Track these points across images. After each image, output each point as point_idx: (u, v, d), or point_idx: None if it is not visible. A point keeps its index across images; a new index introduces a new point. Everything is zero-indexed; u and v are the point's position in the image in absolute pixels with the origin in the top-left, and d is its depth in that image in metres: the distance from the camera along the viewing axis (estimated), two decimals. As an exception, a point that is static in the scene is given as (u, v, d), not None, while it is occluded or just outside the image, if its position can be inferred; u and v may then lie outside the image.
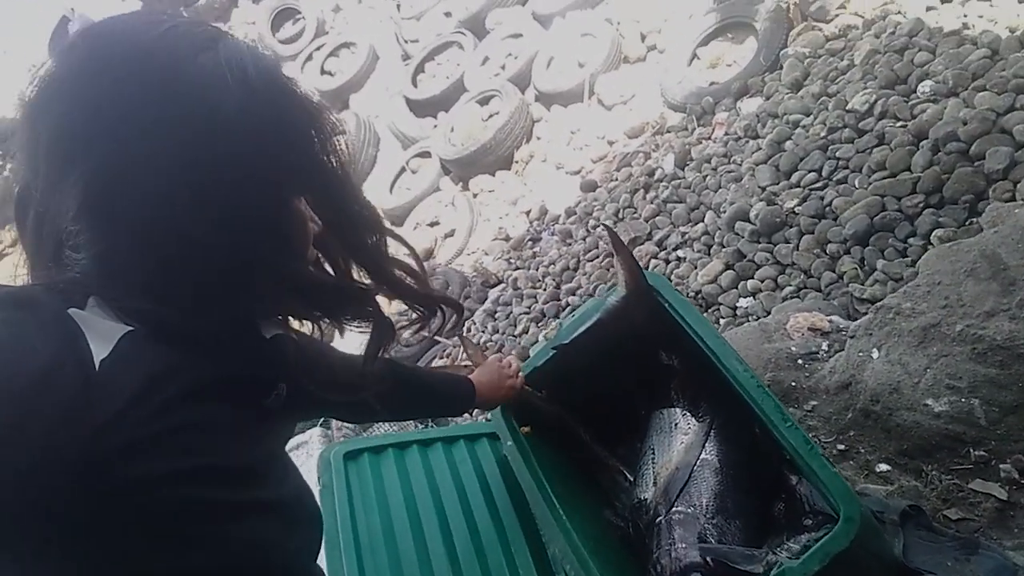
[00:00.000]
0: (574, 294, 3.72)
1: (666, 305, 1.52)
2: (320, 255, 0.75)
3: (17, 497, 0.48)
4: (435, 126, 6.34)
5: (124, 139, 0.55)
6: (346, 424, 2.06)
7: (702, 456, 1.51)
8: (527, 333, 3.78)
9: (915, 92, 2.99)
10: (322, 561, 1.34)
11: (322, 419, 2.15)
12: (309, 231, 0.70)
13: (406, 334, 0.90)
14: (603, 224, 3.91)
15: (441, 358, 4.25)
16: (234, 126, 0.58)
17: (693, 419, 1.58)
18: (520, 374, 1.54)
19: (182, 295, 0.59)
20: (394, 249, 0.83)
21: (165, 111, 0.56)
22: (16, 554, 0.50)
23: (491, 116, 5.77)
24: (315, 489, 1.56)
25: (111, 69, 0.56)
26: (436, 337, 4.46)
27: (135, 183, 0.56)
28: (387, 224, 0.80)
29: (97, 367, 0.52)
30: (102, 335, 0.54)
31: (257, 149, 0.60)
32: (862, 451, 1.70)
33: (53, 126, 0.57)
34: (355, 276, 0.78)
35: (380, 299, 0.82)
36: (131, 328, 0.56)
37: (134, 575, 0.54)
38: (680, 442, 1.57)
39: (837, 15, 4.01)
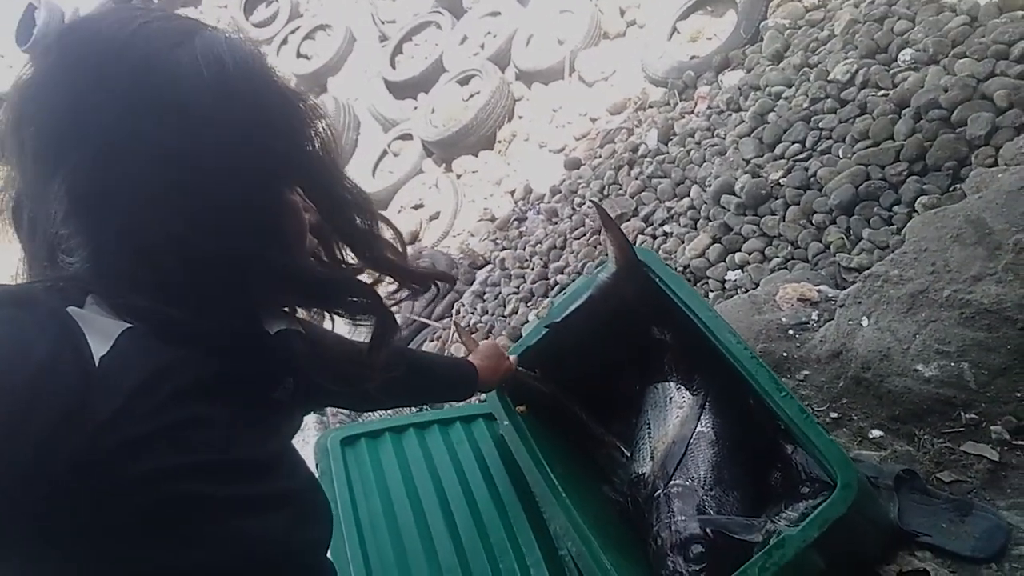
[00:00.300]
0: (562, 272, 3.72)
1: (657, 280, 1.52)
2: (318, 245, 0.75)
3: (17, 494, 0.47)
4: (415, 108, 6.27)
5: (103, 140, 0.55)
6: (341, 410, 2.05)
7: (698, 429, 1.53)
8: (516, 313, 3.78)
9: (896, 61, 3.00)
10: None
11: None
12: (303, 222, 0.70)
13: (402, 303, 0.92)
14: (591, 200, 3.90)
15: (432, 340, 4.24)
16: (212, 119, 0.58)
17: (687, 392, 1.59)
18: (512, 355, 1.54)
19: (175, 292, 0.59)
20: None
21: (141, 109, 0.56)
22: (16, 552, 0.50)
23: (472, 96, 5.72)
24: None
25: (86, 72, 0.56)
26: (425, 320, 4.45)
27: (117, 183, 0.56)
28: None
29: (97, 364, 0.52)
30: (101, 332, 0.54)
31: (237, 141, 0.60)
32: (855, 418, 1.72)
33: (35, 132, 0.57)
34: (352, 265, 0.78)
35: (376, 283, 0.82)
36: (130, 325, 0.56)
37: (136, 573, 0.54)
38: (675, 416, 1.58)
39: (817, -15, 3.99)
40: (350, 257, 0.77)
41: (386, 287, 0.90)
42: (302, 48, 7.79)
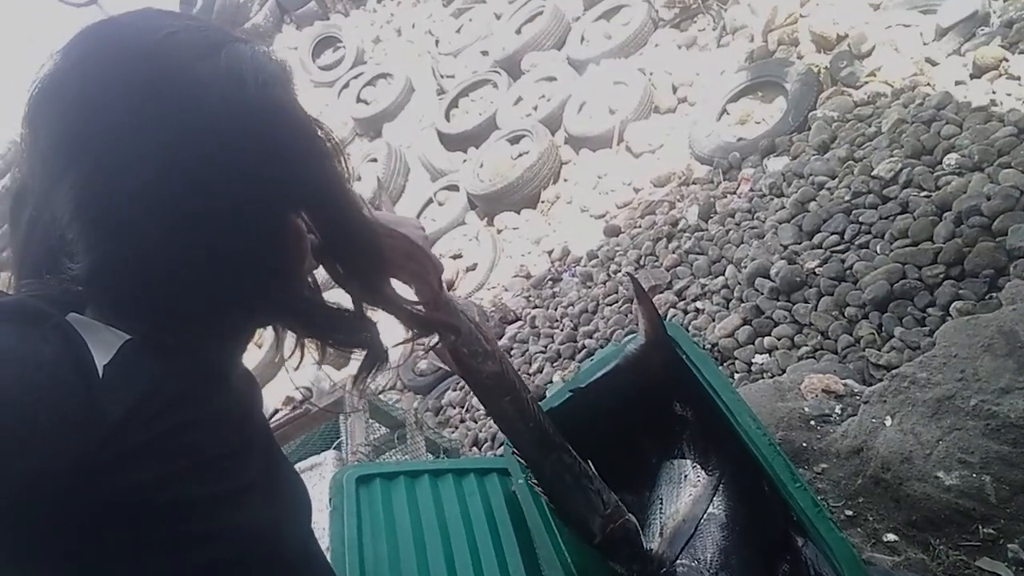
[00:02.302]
0: (591, 337, 3.74)
1: (683, 356, 1.55)
2: (318, 271, 0.73)
3: (21, 505, 0.47)
4: (465, 160, 6.46)
5: (113, 151, 0.54)
6: (360, 448, 2.10)
7: (709, 510, 1.53)
8: (542, 372, 3.80)
9: (940, 164, 3.03)
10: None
11: (336, 442, 2.20)
12: (305, 247, 0.67)
13: (396, 353, 0.86)
14: (626, 271, 3.96)
15: (455, 390, 4.28)
16: (225, 140, 0.56)
17: (703, 472, 1.60)
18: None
19: (171, 313, 0.58)
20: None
21: (154, 124, 0.54)
22: (20, 560, 0.50)
23: (520, 155, 5.88)
24: (324, 512, 1.60)
25: (106, 74, 0.55)
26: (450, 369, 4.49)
27: (122, 196, 0.54)
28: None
29: (100, 374, 0.51)
30: (103, 342, 0.54)
31: (248, 163, 0.58)
32: (870, 519, 1.70)
33: (50, 129, 0.56)
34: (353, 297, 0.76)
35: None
36: (130, 336, 0.55)
37: None
38: (688, 494, 1.58)
39: (866, 82, 4.07)
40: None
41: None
42: (362, 93, 8.13)
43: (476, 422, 3.84)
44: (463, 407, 4.11)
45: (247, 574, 0.63)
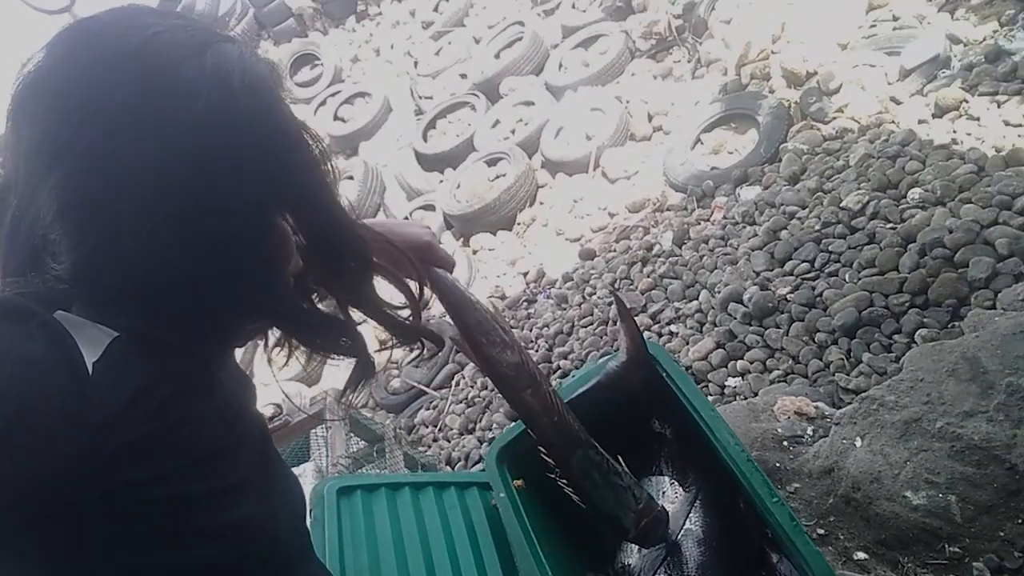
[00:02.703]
0: (566, 358, 3.78)
1: (664, 374, 1.58)
2: (304, 279, 0.73)
3: (14, 502, 0.48)
4: (441, 181, 6.49)
5: (99, 146, 0.54)
6: (340, 460, 2.08)
7: (686, 526, 1.55)
8: (515, 392, 3.81)
9: (905, 197, 3.15)
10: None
11: (314, 455, 2.18)
12: (290, 248, 0.67)
13: (382, 358, 0.85)
14: (610, 290, 4.01)
15: (427, 409, 4.26)
16: (212, 137, 0.56)
17: (680, 488, 1.63)
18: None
19: (155, 312, 0.58)
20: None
21: (139, 125, 0.54)
22: (14, 557, 0.50)
23: (497, 177, 5.94)
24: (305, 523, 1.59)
25: (90, 74, 0.55)
26: (424, 388, 4.48)
27: (106, 197, 0.54)
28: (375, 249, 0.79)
29: (90, 371, 0.52)
30: (91, 340, 0.53)
31: (234, 161, 0.58)
32: (841, 537, 1.75)
33: (33, 127, 0.55)
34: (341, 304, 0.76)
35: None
36: (118, 333, 0.56)
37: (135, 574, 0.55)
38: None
39: (835, 118, 4.22)
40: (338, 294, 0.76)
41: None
42: (340, 111, 8.14)
43: (449, 441, 3.83)
44: (436, 426, 4.10)
45: (243, 570, 0.63)
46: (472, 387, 4.15)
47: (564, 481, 1.13)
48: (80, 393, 0.50)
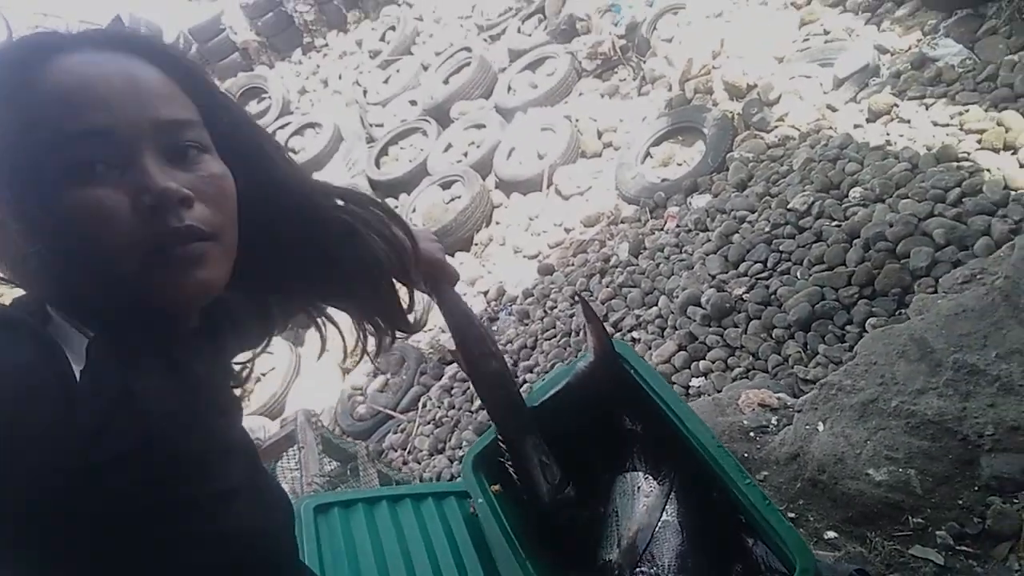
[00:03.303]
0: (531, 371, 3.80)
1: (631, 370, 1.62)
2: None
3: (5, 511, 0.48)
4: (396, 207, 6.50)
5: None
6: (315, 480, 2.06)
7: (663, 518, 1.58)
8: (484, 410, 3.81)
9: (847, 196, 3.29)
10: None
11: (283, 480, 2.15)
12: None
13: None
14: (577, 293, 4.06)
15: (395, 432, 4.23)
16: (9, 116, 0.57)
17: (655, 482, 1.66)
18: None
19: (81, 302, 0.59)
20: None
21: None
22: (5, 564, 0.51)
23: (452, 199, 5.98)
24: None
25: None
26: (390, 412, 4.44)
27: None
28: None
29: (78, 378, 0.52)
30: (73, 347, 0.54)
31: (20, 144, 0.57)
32: (811, 519, 1.80)
33: None
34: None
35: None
36: (90, 336, 0.57)
37: None
38: (642, 504, 1.63)
39: (776, 126, 4.39)
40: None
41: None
42: (290, 142, 8.09)
43: (419, 463, 3.80)
44: (405, 449, 4.06)
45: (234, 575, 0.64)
46: (439, 407, 4.14)
47: (510, 464, 1.44)
48: (69, 402, 0.50)
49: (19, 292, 0.61)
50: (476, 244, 5.72)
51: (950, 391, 1.77)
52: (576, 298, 3.00)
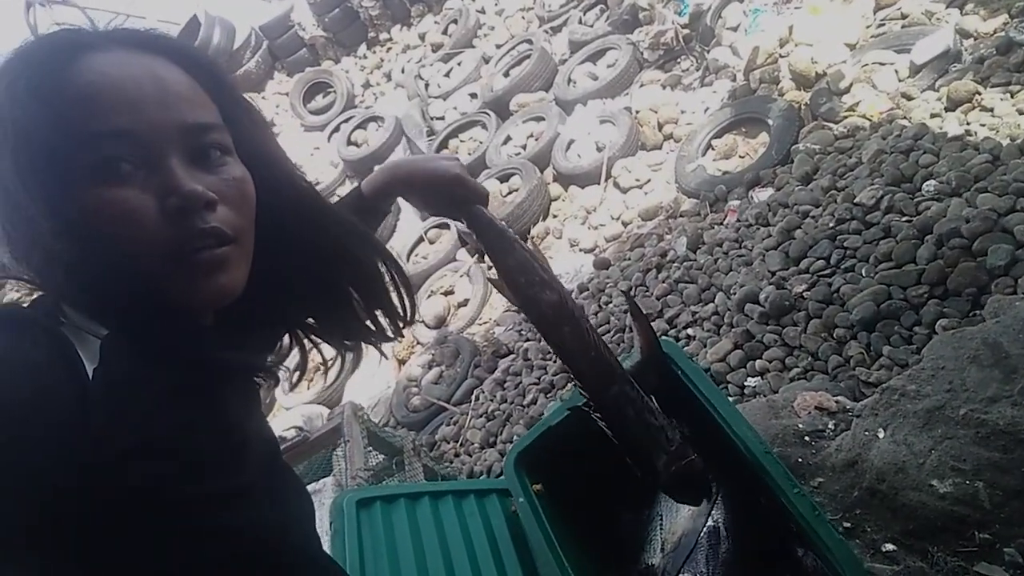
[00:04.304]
0: (584, 367, 3.76)
1: (679, 372, 1.58)
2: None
3: (17, 509, 0.48)
4: (455, 199, 6.53)
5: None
6: (359, 474, 2.10)
7: (708, 523, 1.54)
8: (536, 404, 3.81)
9: (920, 190, 3.12)
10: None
11: (335, 471, 2.19)
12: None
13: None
14: (622, 291, 4.00)
15: (448, 424, 4.27)
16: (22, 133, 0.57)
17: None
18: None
19: (100, 300, 0.59)
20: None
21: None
22: (17, 560, 0.51)
23: (510, 192, 5.98)
24: (324, 537, 1.59)
25: None
26: (444, 404, 4.48)
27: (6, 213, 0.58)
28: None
29: (91, 376, 0.53)
30: (87, 346, 0.55)
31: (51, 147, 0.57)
32: (868, 530, 1.71)
33: None
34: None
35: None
36: (104, 334, 0.57)
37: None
38: (687, 509, 1.59)
39: (845, 116, 4.20)
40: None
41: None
42: (353, 136, 8.25)
43: (471, 455, 3.83)
44: (457, 441, 4.10)
45: (247, 573, 0.64)
46: (492, 400, 4.15)
47: (598, 415, 1.12)
48: (83, 400, 0.51)
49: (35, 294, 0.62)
50: (533, 237, 5.70)
51: (1025, 400, 1.65)
52: (625, 294, 2.97)
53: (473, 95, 7.65)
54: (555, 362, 3.99)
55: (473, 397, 4.38)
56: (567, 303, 1.04)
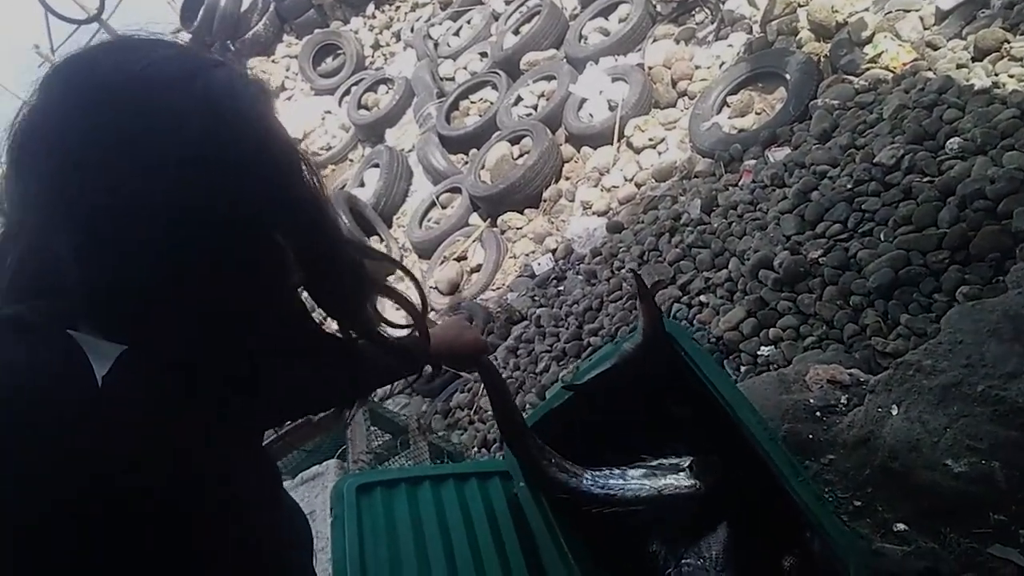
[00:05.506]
0: (596, 334, 3.73)
1: (682, 353, 1.53)
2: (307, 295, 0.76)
3: (19, 508, 0.49)
4: (466, 162, 6.45)
5: (102, 188, 0.56)
6: (361, 457, 2.09)
7: (711, 506, 1.51)
8: (548, 371, 3.79)
9: (943, 148, 2.99)
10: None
11: (340, 449, 2.20)
12: (288, 265, 0.70)
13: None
14: (629, 268, 3.94)
15: (461, 392, 4.28)
16: (203, 166, 0.58)
17: (704, 469, 1.58)
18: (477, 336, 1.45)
19: (162, 329, 0.60)
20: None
21: (137, 157, 0.56)
22: (17, 559, 0.51)
23: (522, 155, 5.88)
24: (327, 520, 1.59)
25: (86, 115, 0.57)
26: (458, 372, 4.48)
27: (114, 226, 0.56)
28: (391, 272, 0.85)
29: (100, 383, 0.53)
30: (100, 353, 0.55)
31: (229, 185, 0.60)
32: (880, 509, 1.68)
33: (37, 171, 0.58)
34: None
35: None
36: (126, 347, 0.57)
37: None
38: (690, 492, 1.56)
39: (867, 68, 4.04)
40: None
41: None
42: (363, 99, 8.14)
43: (484, 423, 3.83)
44: (472, 409, 4.10)
45: None
46: (505, 368, 4.13)
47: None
48: (88, 404, 0.52)
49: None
50: (545, 200, 5.62)
51: (1047, 376, 1.59)
52: (632, 272, 2.91)
53: (483, 54, 7.47)
54: (567, 329, 3.95)
55: (486, 364, 4.37)
56: (522, 425, 1.50)
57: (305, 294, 0.77)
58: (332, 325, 0.81)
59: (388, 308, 0.92)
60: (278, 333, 0.72)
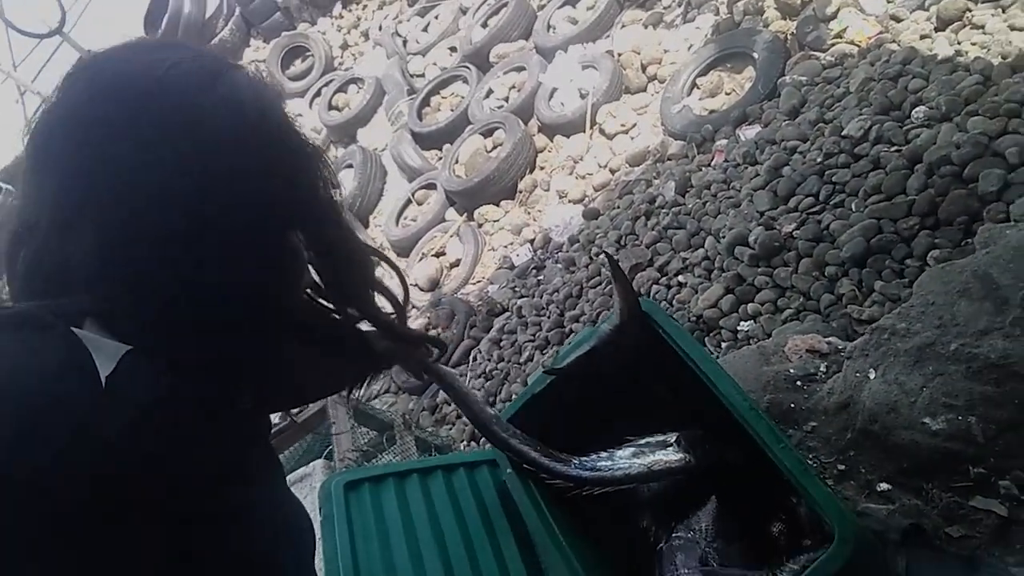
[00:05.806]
0: (577, 321, 3.74)
1: (660, 330, 1.54)
2: (315, 291, 0.78)
3: (25, 510, 0.48)
4: (440, 158, 6.43)
5: (124, 186, 0.56)
6: (348, 455, 2.09)
7: (699, 481, 1.52)
8: (532, 361, 3.80)
9: (909, 118, 3.04)
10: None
11: (327, 450, 2.19)
12: (303, 262, 0.72)
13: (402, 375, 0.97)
14: (604, 252, 3.96)
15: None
16: (228, 165, 0.59)
17: (688, 444, 1.59)
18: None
19: (177, 327, 0.60)
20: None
21: (161, 157, 0.56)
22: (19, 563, 0.50)
23: (495, 147, 5.87)
24: (316, 521, 1.58)
25: (112, 115, 0.57)
26: (442, 366, 4.48)
27: (136, 224, 0.57)
28: (377, 265, 0.85)
29: (104, 383, 0.53)
30: (105, 353, 0.55)
31: (251, 185, 0.61)
32: (863, 471, 1.70)
33: (58, 170, 0.58)
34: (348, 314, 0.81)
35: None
36: (131, 347, 0.56)
37: None
38: (677, 468, 1.57)
39: (833, 44, 4.08)
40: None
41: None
42: (334, 100, 8.08)
43: (472, 417, 3.83)
44: (458, 403, 4.10)
45: None
46: (489, 360, 4.14)
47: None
48: (93, 405, 0.51)
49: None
50: (520, 191, 5.62)
51: (1017, 331, 1.62)
52: (604, 254, 2.94)
53: (452, 49, 7.44)
54: (548, 318, 3.96)
55: (471, 358, 4.37)
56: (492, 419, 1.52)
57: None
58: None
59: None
60: (297, 326, 0.74)
